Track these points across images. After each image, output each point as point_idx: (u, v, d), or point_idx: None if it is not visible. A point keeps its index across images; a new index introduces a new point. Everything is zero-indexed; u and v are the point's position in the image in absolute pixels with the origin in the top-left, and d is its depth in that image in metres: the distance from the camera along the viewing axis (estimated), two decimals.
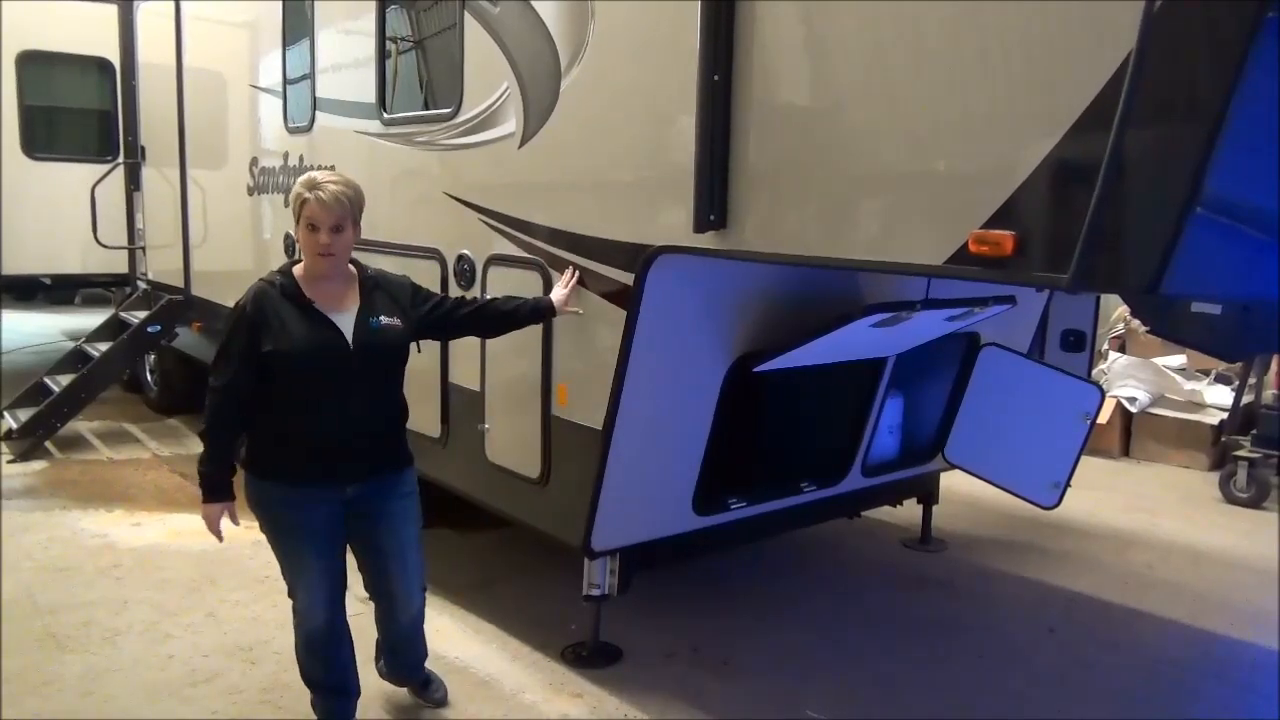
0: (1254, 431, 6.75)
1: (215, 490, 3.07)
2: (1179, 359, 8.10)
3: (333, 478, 3.10)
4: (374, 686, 3.67)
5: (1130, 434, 7.83)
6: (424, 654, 3.59)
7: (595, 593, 3.90)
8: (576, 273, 3.59)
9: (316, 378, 3.02)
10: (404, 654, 3.54)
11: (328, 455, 3.07)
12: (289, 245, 5.66)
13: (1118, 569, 5.37)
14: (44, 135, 8.46)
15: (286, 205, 5.71)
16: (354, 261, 3.19)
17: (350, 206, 3.01)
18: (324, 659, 3.28)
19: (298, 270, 3.09)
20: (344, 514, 3.17)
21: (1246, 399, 7.08)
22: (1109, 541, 5.82)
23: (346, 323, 3.05)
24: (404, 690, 3.69)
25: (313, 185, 2.97)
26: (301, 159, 5.54)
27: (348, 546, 3.29)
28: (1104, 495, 6.66)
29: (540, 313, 3.56)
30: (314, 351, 2.99)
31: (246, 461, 3.13)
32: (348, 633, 3.34)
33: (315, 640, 3.23)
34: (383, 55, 4.73)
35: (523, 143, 3.82)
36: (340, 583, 3.24)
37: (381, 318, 3.10)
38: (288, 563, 3.19)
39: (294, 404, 3.03)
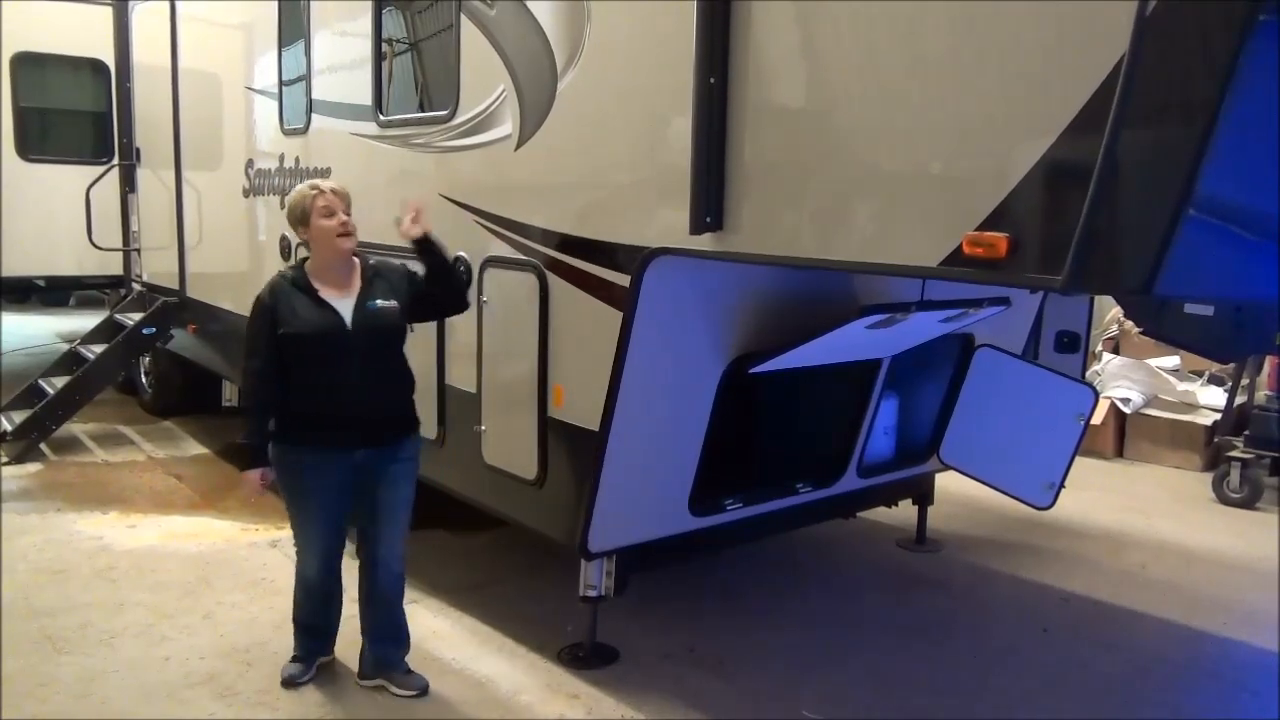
0: (1247, 432, 6.78)
1: (254, 458, 3.53)
2: (1173, 360, 8.13)
3: (343, 444, 3.49)
4: (367, 689, 3.69)
5: (1124, 435, 7.86)
6: (405, 637, 3.79)
7: (592, 594, 3.90)
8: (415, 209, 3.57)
9: (321, 355, 3.44)
10: (384, 621, 3.73)
11: (338, 424, 3.47)
12: (284, 247, 5.66)
13: (1111, 569, 5.39)
14: (38, 137, 8.44)
15: (282, 207, 5.73)
16: (357, 253, 3.57)
17: (349, 197, 3.52)
18: (311, 602, 3.73)
19: (308, 265, 3.55)
20: (352, 478, 3.55)
21: (1239, 400, 7.11)
22: (1103, 542, 5.84)
23: (346, 306, 3.47)
24: (401, 693, 3.70)
25: (315, 186, 3.49)
26: (297, 161, 5.54)
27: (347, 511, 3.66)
28: (1098, 496, 6.68)
29: (427, 256, 3.57)
30: (317, 333, 3.42)
31: (274, 430, 3.54)
32: (340, 588, 3.78)
33: (310, 586, 3.70)
34: (379, 57, 4.73)
35: (519, 145, 3.83)
36: (338, 538, 3.68)
37: (378, 301, 3.50)
38: (297, 519, 3.63)
39: (307, 379, 3.46)
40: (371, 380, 3.48)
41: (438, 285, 3.62)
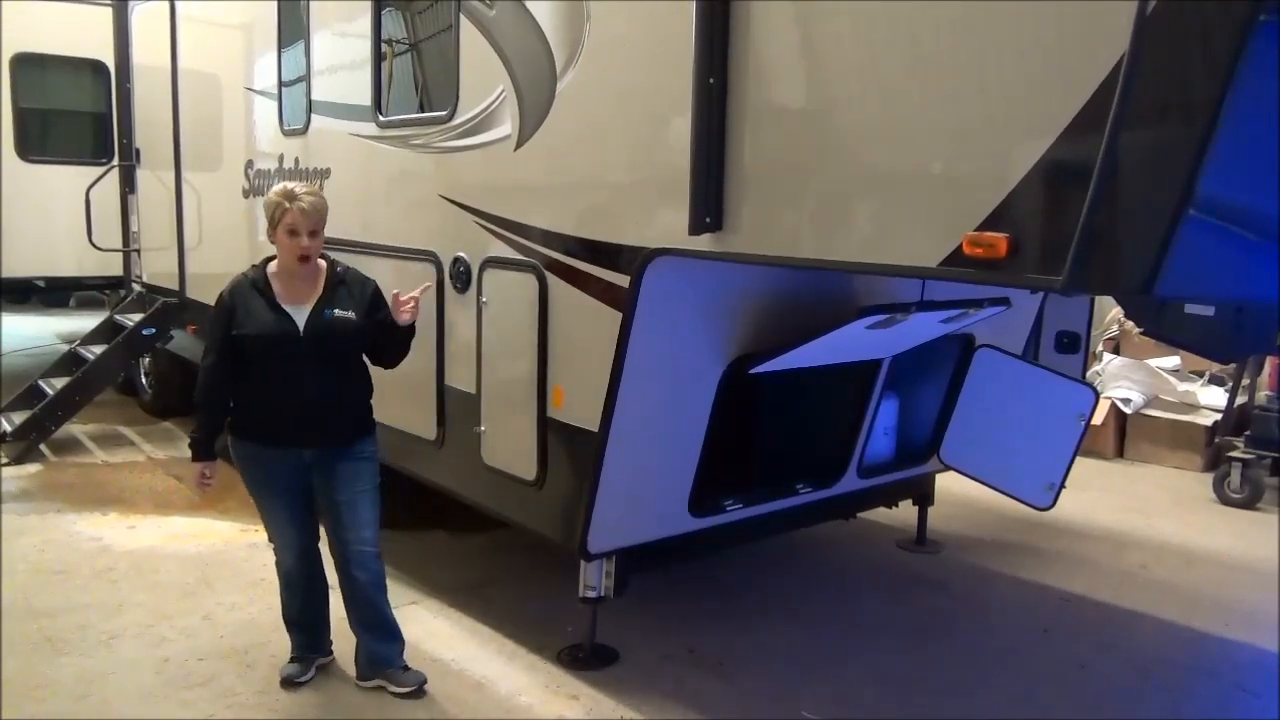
0: (1248, 433, 6.78)
1: (200, 451, 3.55)
2: (1173, 360, 8.13)
3: (290, 443, 3.55)
4: (366, 690, 3.68)
5: (1124, 435, 7.85)
6: (396, 634, 3.79)
7: (591, 595, 3.90)
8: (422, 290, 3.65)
9: (271, 359, 3.49)
10: (370, 620, 3.72)
11: (285, 424, 3.53)
12: None
13: (1112, 570, 5.38)
14: (38, 138, 8.44)
15: None
16: (326, 257, 3.60)
17: (322, 214, 3.49)
18: (295, 596, 3.78)
19: (271, 266, 3.57)
20: (307, 474, 3.61)
21: (1240, 400, 7.11)
22: (1103, 542, 5.84)
23: (301, 313, 3.50)
24: (398, 690, 3.70)
25: (291, 196, 3.44)
26: (297, 161, 5.53)
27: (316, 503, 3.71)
28: (1098, 496, 6.68)
29: (395, 328, 3.61)
30: (267, 337, 3.46)
31: (231, 423, 3.60)
32: (323, 581, 3.82)
33: (290, 577, 3.76)
34: (378, 58, 4.73)
35: (519, 145, 3.83)
36: (306, 530, 3.71)
37: (336, 310, 3.52)
38: (261, 511, 3.71)
39: (259, 380, 3.52)
40: (322, 385, 3.50)
41: (386, 352, 3.68)
